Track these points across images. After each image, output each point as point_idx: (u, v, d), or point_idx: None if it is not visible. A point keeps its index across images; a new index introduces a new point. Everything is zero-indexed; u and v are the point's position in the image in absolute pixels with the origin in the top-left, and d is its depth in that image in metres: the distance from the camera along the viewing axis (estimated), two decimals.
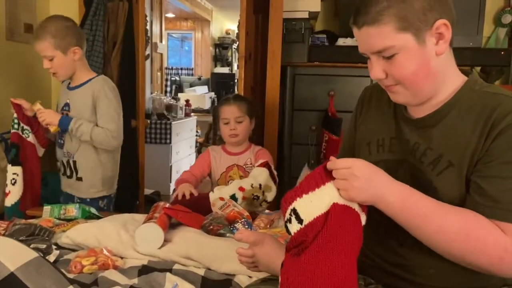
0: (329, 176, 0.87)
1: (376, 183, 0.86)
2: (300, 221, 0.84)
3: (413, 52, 0.90)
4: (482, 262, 0.85)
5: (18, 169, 1.94)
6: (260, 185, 1.81)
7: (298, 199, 0.84)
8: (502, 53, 2.46)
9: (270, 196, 1.84)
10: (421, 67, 0.91)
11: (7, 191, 1.94)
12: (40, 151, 2.06)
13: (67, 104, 2.05)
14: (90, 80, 2.02)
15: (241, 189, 1.78)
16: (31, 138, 1.99)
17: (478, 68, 2.65)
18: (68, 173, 2.08)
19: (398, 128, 1.04)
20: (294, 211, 0.84)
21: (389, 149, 1.05)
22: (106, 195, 2.11)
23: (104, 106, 1.97)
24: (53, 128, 1.95)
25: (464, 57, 2.35)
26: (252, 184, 1.79)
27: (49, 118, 1.94)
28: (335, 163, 0.86)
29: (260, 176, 1.84)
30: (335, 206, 0.84)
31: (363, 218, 0.88)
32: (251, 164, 2.04)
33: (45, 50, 1.91)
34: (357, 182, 0.84)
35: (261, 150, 2.10)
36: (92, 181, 2.06)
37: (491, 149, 0.87)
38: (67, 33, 1.93)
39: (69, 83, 2.09)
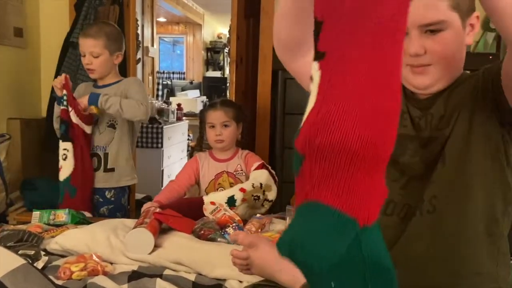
0: None
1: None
2: None
3: (457, 33, 0.94)
4: None
5: (68, 145, 1.99)
6: (260, 184, 1.80)
7: None
8: (491, 57, 2.48)
9: (271, 195, 1.84)
10: (459, 49, 0.96)
11: (60, 166, 2.01)
12: (88, 129, 2.06)
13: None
14: (120, 80, 2.15)
15: (242, 190, 1.78)
16: (74, 118, 2.01)
17: (467, 73, 2.68)
18: (95, 165, 2.10)
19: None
20: None
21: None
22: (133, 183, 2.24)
23: (134, 90, 2.08)
24: (95, 110, 2.00)
25: None
26: (253, 184, 1.79)
27: (80, 101, 2.01)
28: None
29: (260, 177, 1.83)
30: None
31: None
32: (241, 170, 2.02)
33: (95, 47, 2.03)
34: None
35: (249, 154, 2.07)
36: (125, 169, 2.15)
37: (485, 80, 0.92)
38: (118, 38, 2.12)
39: (95, 83, 2.17)
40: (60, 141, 2.01)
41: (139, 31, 4.52)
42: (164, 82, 6.80)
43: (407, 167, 0.97)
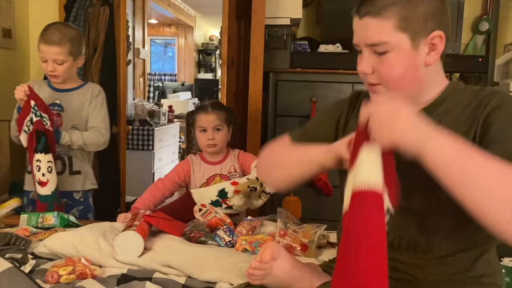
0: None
1: (421, 128, 0.77)
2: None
3: (405, 54, 0.91)
4: None
5: (51, 157, 1.92)
6: (256, 177, 1.76)
7: None
8: (480, 59, 2.51)
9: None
10: (409, 71, 0.93)
11: (44, 180, 1.91)
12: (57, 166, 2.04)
13: (56, 104, 2.08)
14: (82, 85, 2.13)
15: (234, 183, 1.75)
16: (49, 126, 1.94)
17: (457, 75, 2.70)
18: (59, 169, 2.04)
19: None
20: None
21: None
22: (96, 188, 2.20)
23: (96, 115, 2.08)
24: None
25: (444, 63, 2.38)
26: (248, 177, 1.76)
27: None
28: (377, 106, 0.80)
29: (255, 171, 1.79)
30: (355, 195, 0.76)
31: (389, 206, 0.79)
32: (235, 171, 1.98)
33: (60, 54, 1.97)
34: (399, 126, 0.76)
35: (241, 153, 2.04)
36: (90, 173, 2.15)
37: (488, 131, 0.88)
38: (80, 41, 2.06)
39: (50, 83, 2.10)
40: (42, 154, 1.90)
41: (130, 33, 4.50)
42: (155, 84, 6.78)
43: None
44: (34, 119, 1.90)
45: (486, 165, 0.75)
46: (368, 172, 0.78)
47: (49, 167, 1.92)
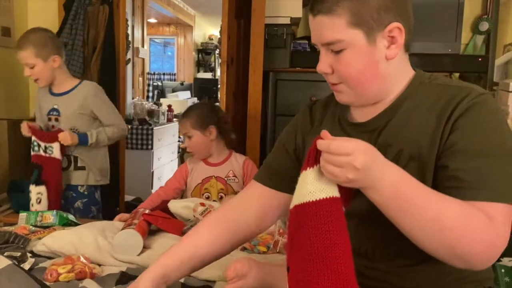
0: (317, 157, 0.77)
1: (373, 172, 0.76)
2: None
3: (361, 51, 0.88)
4: (476, 251, 0.76)
5: (42, 189, 2.04)
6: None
7: None
8: (480, 59, 2.51)
9: None
10: (367, 67, 0.89)
11: (32, 209, 2.02)
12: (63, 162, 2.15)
13: (54, 109, 2.14)
14: (77, 86, 2.16)
15: (202, 204, 1.70)
16: (56, 153, 2.06)
17: (457, 74, 2.70)
18: (65, 165, 2.16)
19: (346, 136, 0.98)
20: None
21: None
22: (104, 184, 2.30)
23: (105, 114, 2.15)
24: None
25: (443, 63, 2.39)
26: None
27: (71, 141, 2.06)
28: (329, 145, 0.75)
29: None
30: (316, 203, 0.76)
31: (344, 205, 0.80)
32: (234, 176, 1.97)
33: (27, 58, 2.03)
34: (354, 174, 0.75)
35: (249, 162, 2.01)
36: (96, 170, 2.23)
37: (453, 136, 0.85)
38: (47, 43, 2.07)
39: (50, 89, 2.17)
40: (33, 185, 2.04)
41: (129, 32, 4.49)
42: (154, 83, 6.78)
43: (354, 208, 0.86)
44: (32, 153, 2.06)
45: (425, 205, 0.77)
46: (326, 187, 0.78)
47: (38, 198, 2.03)
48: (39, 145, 2.06)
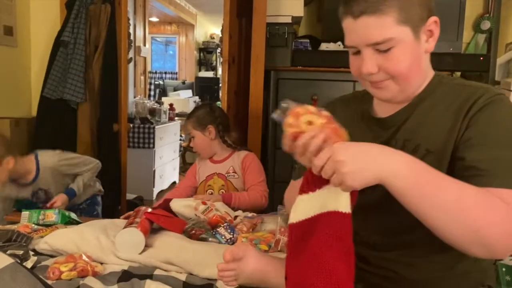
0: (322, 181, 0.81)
1: (370, 158, 0.77)
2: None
3: (410, 47, 0.89)
4: (497, 234, 0.76)
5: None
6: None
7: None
8: (481, 58, 2.50)
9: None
10: (414, 62, 0.91)
11: None
12: None
13: (39, 190, 2.13)
14: (37, 174, 2.10)
15: (203, 203, 1.70)
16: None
17: (458, 73, 2.70)
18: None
19: (369, 132, 1.03)
20: None
21: None
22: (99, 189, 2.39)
23: (71, 168, 2.18)
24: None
25: (445, 62, 2.39)
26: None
27: (62, 202, 2.09)
28: (315, 162, 0.79)
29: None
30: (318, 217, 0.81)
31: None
32: (233, 172, 2.01)
33: None
34: (344, 167, 0.76)
35: (248, 156, 2.03)
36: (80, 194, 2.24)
37: (469, 131, 0.87)
38: (7, 146, 2.02)
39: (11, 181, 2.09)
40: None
41: (131, 31, 4.50)
42: (156, 82, 6.78)
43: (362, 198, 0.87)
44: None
45: (445, 186, 0.77)
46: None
47: None
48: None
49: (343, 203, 0.80)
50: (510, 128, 0.85)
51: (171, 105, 5.30)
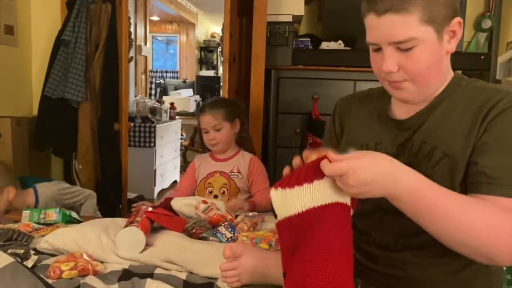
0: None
1: (378, 184, 0.77)
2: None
3: (432, 47, 0.89)
4: (499, 250, 0.78)
5: None
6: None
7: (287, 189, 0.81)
8: (482, 57, 2.50)
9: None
10: (435, 63, 0.91)
11: None
12: None
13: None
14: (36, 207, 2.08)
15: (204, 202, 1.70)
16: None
17: (459, 72, 2.69)
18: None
19: (386, 133, 1.03)
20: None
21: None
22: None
23: (70, 192, 2.20)
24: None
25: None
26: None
27: None
28: (325, 169, 0.78)
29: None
30: (324, 208, 0.79)
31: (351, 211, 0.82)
32: (238, 172, 1.99)
33: None
34: (352, 190, 0.77)
35: (255, 161, 2.02)
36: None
37: (486, 135, 0.87)
38: (9, 176, 2.08)
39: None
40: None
41: (132, 30, 4.50)
42: (157, 81, 6.79)
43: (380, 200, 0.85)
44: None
45: (447, 210, 0.79)
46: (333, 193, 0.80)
47: None
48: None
49: (343, 194, 0.80)
50: None
51: (172, 104, 5.30)
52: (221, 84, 6.28)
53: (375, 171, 0.77)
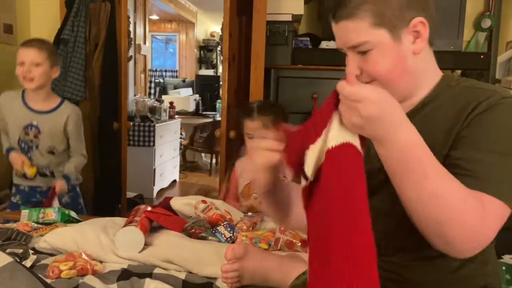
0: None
1: (380, 126, 0.76)
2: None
3: (388, 49, 0.90)
4: (461, 234, 0.77)
5: None
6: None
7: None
8: (482, 56, 2.50)
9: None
10: (396, 64, 0.91)
11: None
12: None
13: (34, 126, 2.12)
14: (59, 106, 2.15)
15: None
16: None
17: (459, 72, 2.69)
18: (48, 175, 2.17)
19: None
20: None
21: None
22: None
23: (77, 136, 2.20)
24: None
25: (445, 60, 2.39)
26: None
27: (60, 187, 2.10)
28: (344, 88, 0.77)
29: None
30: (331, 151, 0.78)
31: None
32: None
33: (38, 57, 2.04)
34: (357, 120, 0.76)
35: None
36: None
37: (466, 130, 0.87)
38: (56, 54, 2.17)
39: (26, 103, 2.13)
40: None
41: (131, 29, 4.49)
42: (156, 80, 6.78)
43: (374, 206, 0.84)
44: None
45: (428, 175, 0.77)
46: (343, 134, 0.79)
47: None
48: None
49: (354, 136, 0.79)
50: (508, 132, 0.84)
51: (171, 103, 5.29)
52: (221, 83, 6.28)
53: (387, 111, 0.76)
